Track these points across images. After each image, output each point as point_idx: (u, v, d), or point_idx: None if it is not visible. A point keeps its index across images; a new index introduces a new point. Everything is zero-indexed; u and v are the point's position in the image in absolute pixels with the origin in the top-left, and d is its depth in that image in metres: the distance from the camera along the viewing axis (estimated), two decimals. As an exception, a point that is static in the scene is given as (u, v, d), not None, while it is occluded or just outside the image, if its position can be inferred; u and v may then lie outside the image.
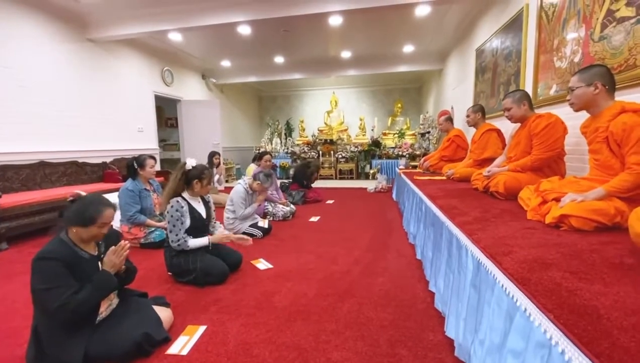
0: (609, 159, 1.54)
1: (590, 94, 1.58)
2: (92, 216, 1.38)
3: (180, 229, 2.18)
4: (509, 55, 3.42)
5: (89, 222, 1.38)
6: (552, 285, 0.89)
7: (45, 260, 1.31)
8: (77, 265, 1.36)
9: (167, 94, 6.39)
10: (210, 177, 2.34)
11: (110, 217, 1.44)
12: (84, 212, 1.38)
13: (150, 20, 4.46)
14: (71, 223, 1.38)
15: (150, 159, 3.18)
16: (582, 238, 1.29)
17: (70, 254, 1.37)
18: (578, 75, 1.63)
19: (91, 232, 1.40)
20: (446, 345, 1.47)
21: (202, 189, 2.30)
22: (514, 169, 2.19)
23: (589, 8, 2.18)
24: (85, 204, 1.40)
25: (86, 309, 1.35)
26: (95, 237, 1.44)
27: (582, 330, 0.69)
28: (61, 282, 1.30)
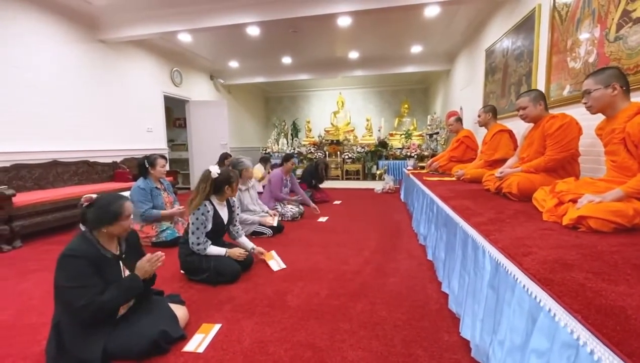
0: (627, 160, 1.53)
1: (608, 95, 1.57)
2: (116, 211, 1.44)
3: (202, 233, 2.22)
4: (520, 55, 3.40)
5: (116, 218, 1.43)
6: (576, 286, 0.89)
7: (72, 258, 1.34)
8: (101, 264, 1.40)
9: (175, 94, 6.44)
10: (238, 178, 2.40)
11: (130, 209, 1.50)
12: (107, 210, 1.43)
13: (160, 21, 4.51)
14: (100, 225, 1.43)
15: (161, 159, 3.22)
16: (601, 239, 1.28)
17: (95, 253, 1.41)
18: (593, 78, 1.62)
19: (122, 225, 1.46)
20: (462, 346, 1.47)
21: (232, 192, 2.37)
22: (527, 169, 2.17)
23: (604, 8, 2.16)
24: (105, 204, 1.45)
25: (109, 310, 1.39)
26: (126, 230, 1.50)
27: (611, 330, 0.69)
28: (87, 281, 1.34)
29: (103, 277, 1.40)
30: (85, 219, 1.45)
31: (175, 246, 2.97)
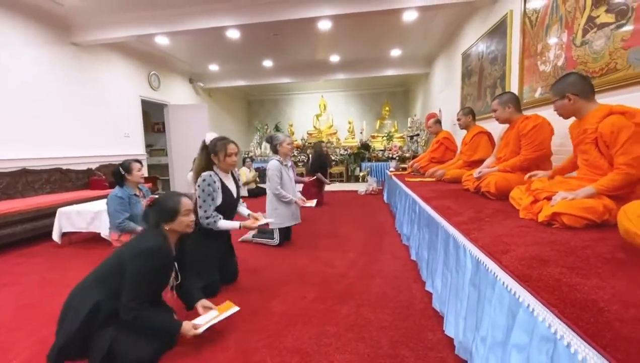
0: (598, 159, 1.61)
1: (567, 104, 1.65)
2: (174, 208, 1.49)
3: (210, 205, 2.05)
4: (494, 59, 3.52)
5: (174, 214, 1.49)
6: (552, 281, 0.92)
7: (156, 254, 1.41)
8: (168, 265, 1.50)
9: (153, 98, 6.29)
10: (227, 145, 2.15)
11: (189, 204, 1.54)
12: (165, 208, 1.49)
13: (136, 23, 4.39)
14: (161, 221, 1.48)
15: (136, 163, 3.10)
16: (574, 235, 1.34)
17: (169, 252, 1.50)
18: (552, 89, 1.73)
19: (182, 222, 1.51)
20: (446, 344, 1.49)
21: (226, 161, 2.15)
22: (503, 169, 2.25)
23: (571, 14, 2.27)
24: (163, 201, 1.51)
25: (141, 324, 1.40)
26: (188, 226, 1.55)
27: (586, 323, 0.72)
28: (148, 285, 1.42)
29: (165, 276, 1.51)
30: (147, 219, 1.53)
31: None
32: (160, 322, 1.44)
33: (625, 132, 1.45)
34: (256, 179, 6.64)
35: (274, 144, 3.20)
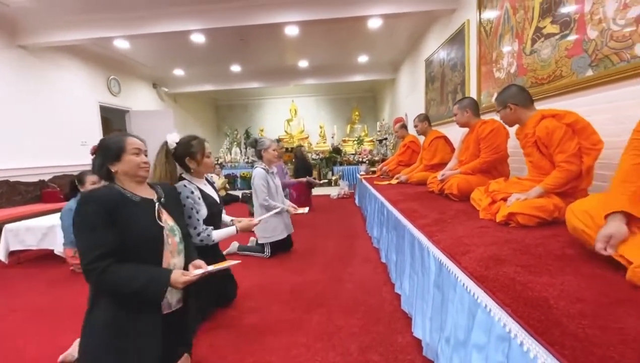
0: (540, 160, 1.72)
1: (509, 113, 1.76)
2: (118, 146, 1.24)
3: (198, 219, 1.76)
4: (454, 66, 3.68)
5: (119, 152, 1.24)
6: (507, 281, 0.96)
7: (83, 205, 1.11)
8: (124, 209, 1.15)
9: (113, 104, 5.97)
10: (204, 144, 1.85)
11: (138, 143, 1.29)
12: (108, 146, 1.25)
13: (92, 26, 4.16)
14: (105, 163, 1.23)
15: (92, 175, 2.92)
16: (528, 233, 1.41)
17: (115, 197, 1.17)
18: (496, 100, 1.86)
19: (131, 161, 1.24)
20: (415, 346, 1.51)
21: (201, 166, 1.83)
22: (465, 171, 2.34)
23: (521, 25, 2.42)
24: (106, 143, 1.27)
25: (124, 290, 1.09)
26: (140, 168, 1.27)
27: (536, 321, 0.75)
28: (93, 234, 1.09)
29: (132, 224, 1.15)
30: (93, 167, 1.29)
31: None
32: (140, 274, 1.11)
33: (558, 132, 1.56)
34: (226, 186, 6.48)
35: (259, 149, 2.91)
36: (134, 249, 1.14)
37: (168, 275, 1.15)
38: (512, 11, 2.52)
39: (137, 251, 1.15)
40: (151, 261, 1.20)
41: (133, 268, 1.11)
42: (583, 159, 1.55)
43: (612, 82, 1.69)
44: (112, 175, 1.25)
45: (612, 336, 0.67)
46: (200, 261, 1.36)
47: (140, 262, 1.15)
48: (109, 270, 1.07)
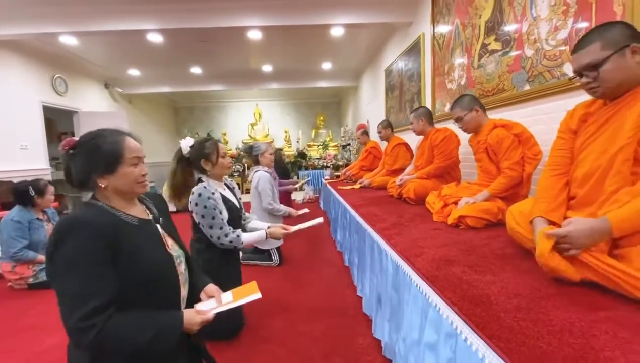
0: (489, 165, 1.86)
1: (476, 117, 1.89)
2: (114, 153, 0.90)
3: (223, 220, 1.64)
4: (411, 76, 3.87)
5: (115, 163, 0.90)
6: (455, 280, 1.03)
7: (70, 234, 0.79)
8: (123, 236, 0.86)
9: (59, 104, 5.51)
10: (218, 145, 1.76)
11: (137, 148, 0.95)
12: (99, 155, 0.89)
13: (34, 20, 3.82)
14: (93, 173, 0.89)
15: (51, 186, 2.73)
16: (476, 235, 1.52)
17: (109, 220, 0.87)
18: (458, 106, 1.92)
19: (128, 175, 0.91)
20: (375, 347, 1.56)
21: (217, 167, 1.74)
22: (420, 176, 2.47)
23: (469, 40, 2.61)
24: (96, 145, 0.89)
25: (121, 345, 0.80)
26: (139, 184, 0.95)
27: (478, 317, 0.81)
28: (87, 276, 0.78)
29: (136, 255, 0.87)
30: (68, 177, 0.92)
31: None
32: (147, 323, 0.83)
33: (507, 141, 1.71)
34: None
35: (255, 154, 2.90)
36: (143, 290, 0.87)
37: (181, 318, 0.89)
38: (461, 27, 2.72)
39: (148, 292, 0.88)
40: (167, 302, 0.94)
41: (137, 317, 0.83)
42: (525, 167, 1.71)
43: (546, 96, 1.88)
44: (92, 187, 0.92)
45: (542, 327, 0.75)
46: (213, 288, 1.09)
47: (154, 306, 0.88)
48: (109, 325, 0.77)
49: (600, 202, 0.98)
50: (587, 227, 0.88)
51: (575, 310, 0.81)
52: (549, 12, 1.80)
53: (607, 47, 0.95)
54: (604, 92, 1.00)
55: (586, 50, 0.99)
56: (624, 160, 0.94)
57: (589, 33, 1.01)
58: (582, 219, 0.92)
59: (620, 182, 0.95)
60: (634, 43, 0.93)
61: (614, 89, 0.98)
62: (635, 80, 0.96)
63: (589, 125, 1.08)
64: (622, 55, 0.94)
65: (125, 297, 0.82)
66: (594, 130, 1.05)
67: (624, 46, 0.93)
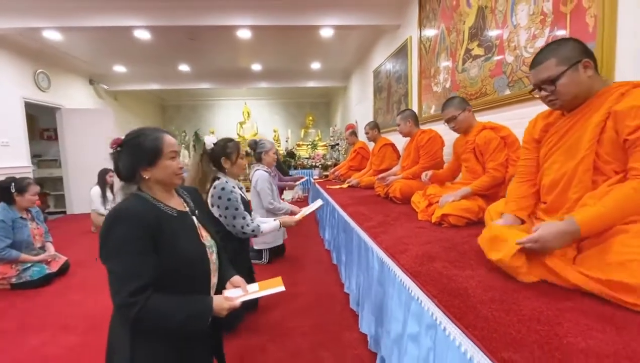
0: (475, 165, 1.95)
1: (469, 116, 1.96)
2: (155, 147, 1.00)
3: (245, 210, 1.80)
4: (399, 78, 3.95)
5: (155, 155, 1.00)
6: (436, 275, 1.09)
7: (118, 221, 0.91)
8: (165, 226, 0.96)
9: (41, 101, 5.37)
10: (239, 146, 1.91)
11: (174, 144, 1.07)
12: (143, 150, 1.00)
13: (16, 14, 3.73)
14: (138, 166, 1.00)
15: (35, 186, 2.67)
16: (457, 232, 1.59)
17: (152, 211, 0.97)
18: (452, 106, 1.97)
19: (168, 168, 1.02)
20: (361, 341, 1.62)
21: (235, 166, 1.88)
22: (406, 176, 2.54)
23: (454, 45, 2.70)
24: (140, 141, 1.01)
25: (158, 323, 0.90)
26: (176, 176, 1.05)
27: (456, 308, 0.87)
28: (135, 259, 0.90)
29: (175, 244, 0.97)
30: (119, 170, 1.02)
31: (44, 286, 2.49)
32: (182, 306, 0.93)
33: (494, 143, 1.80)
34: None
35: (259, 151, 2.87)
36: (179, 275, 0.96)
37: (210, 303, 0.98)
38: (447, 32, 2.80)
39: (183, 277, 0.98)
40: (200, 287, 1.04)
41: (172, 299, 0.92)
42: (508, 169, 1.79)
43: (524, 101, 1.97)
44: (138, 179, 1.02)
45: (513, 316, 0.81)
46: (238, 279, 1.17)
47: (187, 289, 0.98)
48: (150, 303, 0.88)
49: (566, 209, 1.06)
50: (555, 229, 0.93)
51: (544, 300, 0.88)
52: (527, 21, 1.89)
53: (561, 62, 1.02)
54: (562, 104, 1.08)
55: (543, 66, 1.06)
56: (585, 170, 1.01)
57: (544, 49, 1.09)
58: (551, 222, 0.99)
59: (582, 191, 1.02)
60: (585, 58, 1.01)
61: (570, 101, 1.06)
62: (588, 92, 1.03)
63: (551, 135, 1.15)
64: (575, 70, 1.01)
65: (163, 281, 0.92)
66: (556, 140, 1.12)
67: (576, 61, 1.01)
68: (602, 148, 0.98)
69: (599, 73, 1.07)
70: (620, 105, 0.94)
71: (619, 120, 0.93)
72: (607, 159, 0.98)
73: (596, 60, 1.04)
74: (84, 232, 4.33)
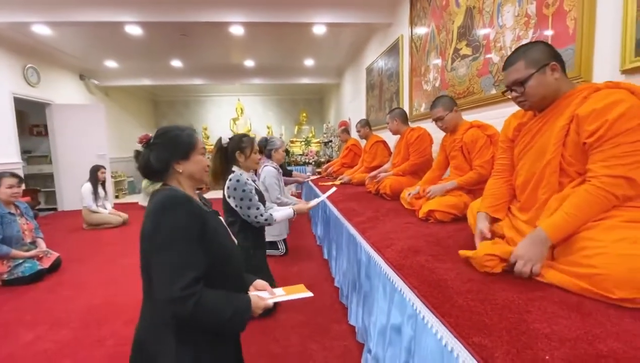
0: (462, 162, 2.00)
1: (456, 116, 2.01)
2: (190, 141, 1.01)
3: (259, 201, 1.91)
4: (391, 76, 3.99)
5: (190, 149, 1.00)
6: (418, 268, 1.14)
7: (175, 207, 0.87)
8: (206, 222, 0.92)
9: (31, 96, 5.31)
10: (253, 141, 2.01)
11: (202, 141, 1.07)
12: (179, 143, 1.00)
13: (5, 8, 3.68)
14: (172, 159, 0.98)
15: (10, 178, 2.61)
16: (443, 228, 1.65)
17: (198, 204, 0.96)
18: (440, 106, 2.01)
19: (199, 162, 1.03)
20: (350, 333, 1.67)
21: (249, 160, 1.99)
22: (396, 173, 2.59)
23: (443, 44, 2.75)
24: (176, 134, 1.01)
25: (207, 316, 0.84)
26: (205, 171, 1.06)
27: (434, 298, 0.92)
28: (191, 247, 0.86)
29: (217, 239, 0.95)
30: (148, 165, 0.97)
31: (36, 282, 2.50)
32: (228, 301, 0.89)
33: (481, 141, 1.85)
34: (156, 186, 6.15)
35: (269, 148, 2.96)
36: (215, 271, 0.91)
37: (249, 302, 0.95)
38: (437, 31, 2.85)
39: (219, 273, 0.93)
40: (235, 285, 1.00)
41: (218, 295, 0.88)
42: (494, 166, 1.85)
43: (509, 100, 2.01)
44: (171, 173, 1.00)
45: (487, 305, 0.86)
46: (262, 282, 1.15)
47: (225, 286, 0.93)
48: (204, 296, 0.83)
49: (535, 208, 1.10)
50: (528, 242, 0.97)
51: (517, 290, 0.93)
52: (513, 22, 1.94)
53: (530, 65, 1.07)
54: (530, 105, 1.13)
55: (513, 68, 1.11)
56: (552, 172, 1.06)
57: (515, 52, 1.13)
58: (523, 240, 1.00)
59: (549, 192, 1.07)
60: (553, 61, 1.05)
61: (538, 103, 1.11)
62: (556, 94, 1.08)
63: (523, 135, 1.20)
64: (543, 72, 1.06)
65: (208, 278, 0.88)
66: (528, 140, 1.17)
67: (544, 64, 1.05)
68: (567, 150, 1.03)
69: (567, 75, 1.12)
70: (581, 109, 0.98)
71: (580, 124, 0.97)
72: (571, 161, 1.03)
73: (564, 63, 1.09)
74: (76, 229, 4.32)
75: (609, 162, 0.92)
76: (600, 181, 0.92)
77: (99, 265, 2.85)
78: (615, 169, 0.90)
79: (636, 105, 0.91)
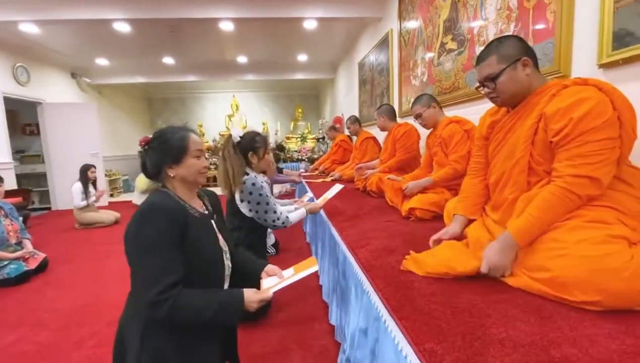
0: (443, 158, 1.98)
1: (434, 113, 1.99)
2: (180, 145, 1.01)
3: (275, 204, 1.83)
4: (381, 71, 3.95)
5: (180, 154, 1.01)
6: (388, 269, 1.12)
7: (148, 215, 0.90)
8: (189, 226, 0.96)
9: (21, 95, 5.27)
10: (266, 142, 1.92)
11: (199, 142, 1.07)
12: (169, 147, 1.01)
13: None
14: (163, 164, 1.01)
15: None
16: (422, 226, 1.63)
17: (179, 207, 0.97)
18: (418, 103, 2.02)
19: (192, 166, 1.03)
20: (329, 332, 1.66)
21: (262, 162, 1.89)
22: (383, 170, 2.57)
23: (430, 38, 2.71)
24: (166, 138, 1.02)
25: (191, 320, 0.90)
26: (200, 174, 1.06)
27: (396, 301, 0.91)
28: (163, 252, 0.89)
29: (198, 244, 0.97)
30: (144, 169, 1.05)
31: (22, 283, 2.49)
32: (212, 300, 0.93)
33: (457, 136, 1.83)
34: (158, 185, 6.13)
35: None
36: (194, 277, 0.94)
37: (241, 296, 0.97)
38: (424, 25, 2.80)
39: (197, 279, 0.96)
40: None
41: (202, 293, 0.93)
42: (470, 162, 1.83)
43: (493, 95, 2.00)
44: (163, 177, 1.04)
45: (447, 309, 0.85)
46: (272, 267, 1.18)
47: None
48: (180, 299, 0.88)
49: (504, 208, 1.08)
50: (498, 248, 0.94)
51: (481, 293, 0.92)
52: (495, 16, 1.91)
53: (502, 60, 1.03)
54: (502, 101, 1.10)
55: (486, 63, 1.07)
56: (520, 171, 1.03)
57: (488, 46, 1.09)
58: (490, 244, 0.98)
59: (517, 191, 1.04)
60: (524, 56, 1.02)
61: (510, 99, 1.08)
62: (527, 90, 1.04)
63: (497, 132, 1.17)
64: (514, 68, 1.02)
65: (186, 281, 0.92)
66: (501, 138, 1.14)
67: (515, 60, 1.02)
68: (536, 149, 1.00)
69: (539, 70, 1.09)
70: (548, 107, 0.95)
71: (547, 123, 0.95)
72: (539, 160, 1.00)
73: (536, 58, 1.06)
74: (67, 229, 4.31)
75: (575, 161, 0.89)
76: (564, 181, 0.89)
77: (86, 266, 2.85)
78: (581, 168, 0.88)
79: (603, 102, 0.89)
